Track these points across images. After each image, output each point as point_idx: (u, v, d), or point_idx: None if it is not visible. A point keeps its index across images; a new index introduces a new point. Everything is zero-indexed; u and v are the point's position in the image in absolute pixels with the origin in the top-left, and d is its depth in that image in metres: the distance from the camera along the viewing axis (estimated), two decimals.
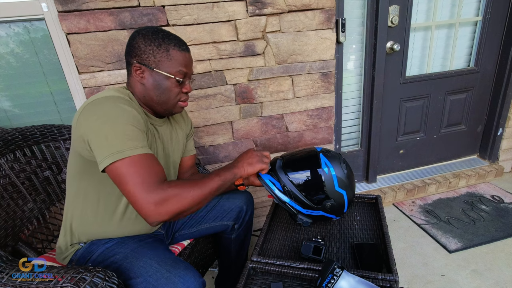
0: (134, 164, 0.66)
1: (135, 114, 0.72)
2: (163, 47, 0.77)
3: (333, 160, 0.92)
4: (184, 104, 0.87)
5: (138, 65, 0.78)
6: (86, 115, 0.70)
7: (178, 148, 0.99)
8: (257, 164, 0.88)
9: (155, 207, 0.65)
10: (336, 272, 0.71)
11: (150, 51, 0.77)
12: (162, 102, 0.82)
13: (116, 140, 0.66)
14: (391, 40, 1.63)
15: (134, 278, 0.72)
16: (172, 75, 0.79)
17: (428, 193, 1.90)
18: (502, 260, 1.35)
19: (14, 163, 0.97)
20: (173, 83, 0.80)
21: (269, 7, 1.29)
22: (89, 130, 0.68)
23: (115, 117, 0.69)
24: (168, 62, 0.78)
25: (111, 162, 0.65)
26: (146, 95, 0.81)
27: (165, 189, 0.66)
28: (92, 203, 0.82)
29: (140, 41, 0.77)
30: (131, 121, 0.70)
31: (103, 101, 0.71)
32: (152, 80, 0.79)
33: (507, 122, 1.94)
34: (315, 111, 1.55)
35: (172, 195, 0.66)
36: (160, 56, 0.77)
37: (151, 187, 0.65)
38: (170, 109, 0.85)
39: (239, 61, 1.34)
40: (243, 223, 1.09)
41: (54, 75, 1.25)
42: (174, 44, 0.79)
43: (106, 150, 0.66)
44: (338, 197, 0.92)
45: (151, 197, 0.64)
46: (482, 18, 1.74)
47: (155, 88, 0.80)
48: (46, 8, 1.12)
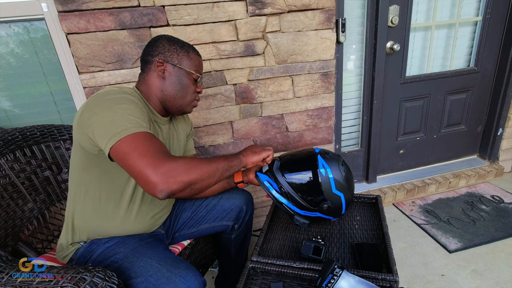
0: (140, 139, 0.66)
1: (137, 103, 0.75)
2: (185, 49, 0.87)
3: (331, 162, 0.92)
4: (196, 104, 0.93)
5: (161, 61, 0.83)
6: (90, 107, 0.72)
7: (179, 148, 1.00)
8: (262, 152, 0.92)
9: (163, 176, 0.63)
10: (336, 272, 0.71)
11: (174, 50, 0.85)
12: (179, 97, 0.87)
13: (121, 120, 0.67)
14: (391, 40, 1.63)
15: (134, 277, 0.72)
16: (193, 71, 0.87)
17: (428, 193, 1.90)
18: (502, 260, 1.35)
19: (14, 163, 0.97)
20: (191, 81, 0.88)
21: (269, 7, 1.29)
22: (93, 119, 0.69)
23: (118, 103, 0.71)
24: (189, 61, 0.86)
25: (117, 141, 0.65)
26: (165, 89, 0.86)
27: (174, 160, 0.66)
28: (93, 198, 0.82)
29: (165, 42, 0.85)
30: (134, 105, 0.73)
31: (106, 93, 0.74)
32: (174, 76, 0.85)
33: (507, 122, 1.94)
34: (315, 111, 1.55)
35: (181, 165, 0.66)
36: (183, 55, 0.85)
37: (160, 159, 0.64)
38: (185, 106, 0.90)
39: (239, 61, 1.34)
40: (243, 223, 1.09)
41: (54, 75, 1.25)
42: (193, 49, 0.89)
43: (111, 131, 0.66)
44: (335, 199, 0.92)
45: (159, 168, 0.63)
46: (482, 18, 1.74)
47: (175, 83, 0.86)
48: (46, 8, 1.12)
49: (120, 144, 0.65)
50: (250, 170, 1.03)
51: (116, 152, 0.65)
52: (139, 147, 0.65)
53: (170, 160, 0.65)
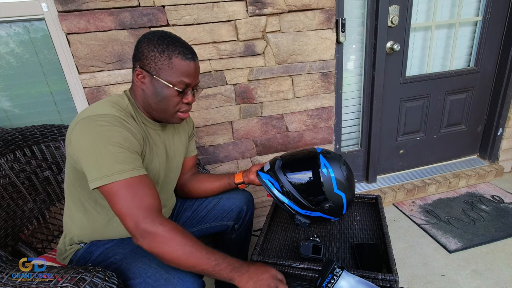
0: (123, 187, 0.66)
1: (126, 135, 0.71)
2: (166, 54, 0.73)
3: (332, 162, 0.92)
4: (184, 115, 0.82)
5: (139, 69, 0.76)
6: (78, 134, 0.69)
7: (181, 149, 0.99)
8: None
9: (141, 238, 0.65)
10: (336, 272, 0.71)
11: (152, 57, 0.74)
12: (160, 110, 0.80)
13: (105, 162, 0.66)
14: (391, 40, 1.63)
15: (133, 278, 0.72)
16: (172, 84, 0.75)
17: (428, 193, 1.90)
18: (502, 260, 1.35)
19: (14, 163, 0.97)
20: (173, 93, 0.77)
21: (269, 7, 1.29)
22: (80, 150, 0.69)
23: (105, 139, 0.68)
24: (169, 70, 0.74)
25: (99, 186, 0.66)
26: (145, 101, 0.80)
27: (155, 225, 0.65)
28: (90, 211, 0.82)
29: (144, 45, 0.75)
30: (121, 143, 0.69)
31: (96, 119, 0.69)
32: (152, 87, 0.76)
33: (507, 122, 1.94)
34: (315, 111, 1.55)
35: (159, 236, 0.65)
36: (162, 64, 0.74)
37: (140, 218, 0.65)
38: (168, 118, 0.82)
39: (239, 61, 1.34)
40: (243, 223, 1.09)
41: (54, 75, 1.25)
42: (179, 52, 0.74)
43: (95, 172, 0.66)
44: (336, 199, 0.92)
45: (137, 228, 0.65)
46: (482, 18, 1.74)
47: (153, 95, 0.77)
48: (46, 8, 1.12)
49: (104, 189, 0.67)
50: (251, 170, 1.03)
51: (101, 191, 0.68)
52: (121, 199, 0.66)
53: (152, 224, 0.65)
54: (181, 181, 1.06)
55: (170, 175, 0.95)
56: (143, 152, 0.79)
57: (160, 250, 0.65)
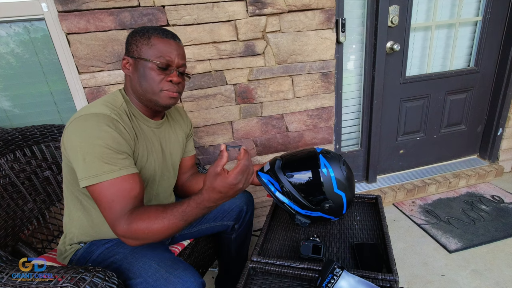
0: (108, 188, 0.69)
1: (114, 136, 0.71)
2: (145, 36, 0.78)
3: (332, 162, 0.92)
4: (171, 94, 0.80)
5: (125, 57, 0.80)
6: (70, 133, 0.71)
7: (178, 148, 0.99)
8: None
9: (124, 238, 0.69)
10: (336, 272, 0.71)
11: (134, 41, 0.78)
12: (145, 90, 0.79)
13: (92, 163, 0.68)
14: (391, 40, 1.63)
15: (133, 278, 0.72)
16: (151, 59, 0.77)
17: (428, 193, 1.90)
18: (502, 260, 1.35)
19: (14, 163, 0.97)
20: (154, 69, 0.77)
21: (269, 7, 1.29)
22: (70, 149, 0.71)
23: (94, 139, 0.69)
24: (148, 49, 0.77)
25: (87, 185, 0.69)
26: (133, 88, 0.81)
27: (132, 222, 0.68)
28: (88, 209, 0.83)
29: (129, 36, 0.81)
30: (109, 144, 0.70)
31: (87, 119, 0.71)
32: (136, 70, 0.79)
33: (507, 122, 1.94)
34: (315, 111, 1.55)
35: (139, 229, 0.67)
36: (142, 44, 0.77)
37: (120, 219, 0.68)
38: (156, 99, 0.80)
39: (239, 61, 1.34)
40: (243, 223, 1.09)
41: (54, 75, 1.25)
42: (158, 33, 0.78)
43: (83, 172, 0.69)
44: (336, 198, 0.92)
45: (119, 228, 0.68)
46: (482, 18, 1.74)
47: (138, 77, 0.79)
48: (46, 8, 1.12)
49: (91, 188, 0.70)
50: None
51: (88, 191, 0.71)
52: (106, 200, 0.69)
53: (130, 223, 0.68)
54: (180, 181, 1.06)
55: (166, 173, 0.95)
56: (136, 151, 0.80)
57: (143, 242, 0.70)
